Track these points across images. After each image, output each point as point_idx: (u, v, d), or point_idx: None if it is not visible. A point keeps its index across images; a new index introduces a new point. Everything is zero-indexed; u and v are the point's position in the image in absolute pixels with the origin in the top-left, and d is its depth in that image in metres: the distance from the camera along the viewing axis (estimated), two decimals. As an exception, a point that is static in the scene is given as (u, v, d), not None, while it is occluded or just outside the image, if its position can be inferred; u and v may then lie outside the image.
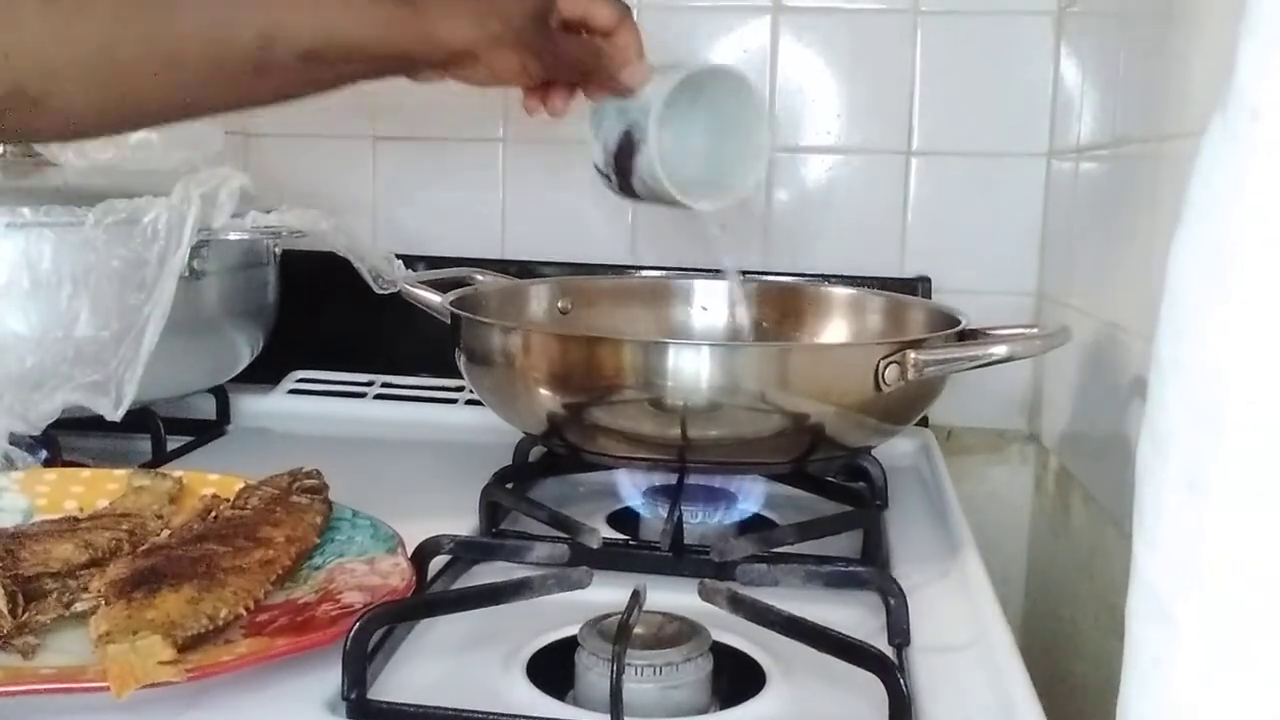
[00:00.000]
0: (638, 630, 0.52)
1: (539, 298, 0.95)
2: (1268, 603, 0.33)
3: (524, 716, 0.49)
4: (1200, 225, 0.34)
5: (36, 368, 0.78)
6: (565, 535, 0.66)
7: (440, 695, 0.51)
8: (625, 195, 0.76)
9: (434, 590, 0.62)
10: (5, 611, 0.54)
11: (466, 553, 0.65)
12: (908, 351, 0.68)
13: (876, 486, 0.79)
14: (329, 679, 0.51)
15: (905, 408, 0.74)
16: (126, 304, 0.79)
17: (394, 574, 0.59)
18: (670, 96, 0.70)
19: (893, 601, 0.58)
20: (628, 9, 0.69)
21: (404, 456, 0.93)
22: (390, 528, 0.65)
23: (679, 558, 0.67)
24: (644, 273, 1.07)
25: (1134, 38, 0.82)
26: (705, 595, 0.55)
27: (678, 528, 0.68)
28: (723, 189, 0.76)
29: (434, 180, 1.13)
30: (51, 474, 0.74)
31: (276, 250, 0.99)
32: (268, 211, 0.89)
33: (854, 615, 0.61)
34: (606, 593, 0.57)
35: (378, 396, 1.05)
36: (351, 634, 0.50)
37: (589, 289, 0.97)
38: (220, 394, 0.98)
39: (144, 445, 0.87)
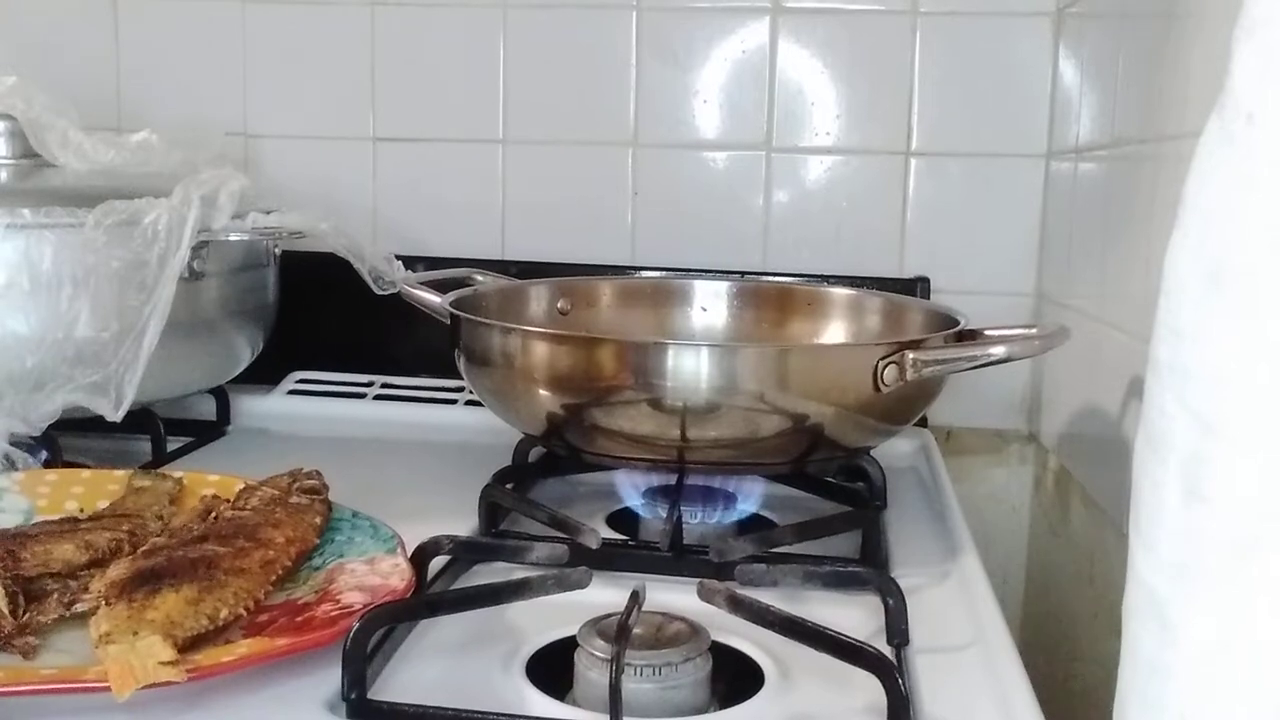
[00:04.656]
0: (637, 630, 0.52)
1: (539, 298, 0.95)
2: (1264, 604, 0.33)
3: (524, 716, 0.49)
4: (1197, 228, 0.34)
5: (37, 369, 0.78)
6: (565, 536, 0.66)
7: (440, 695, 0.51)
8: None
9: (434, 590, 0.62)
10: (6, 612, 0.54)
11: (466, 553, 0.66)
12: (906, 352, 0.68)
13: (875, 487, 0.79)
14: (329, 679, 0.51)
15: (904, 408, 0.74)
16: (126, 305, 0.79)
17: (394, 574, 0.59)
18: None
19: (891, 602, 0.58)
20: None
21: (404, 456, 0.93)
22: (390, 528, 0.65)
23: (678, 558, 0.67)
24: (644, 273, 1.07)
25: (1133, 39, 0.83)
26: (704, 595, 0.56)
27: (677, 528, 0.68)
28: None
29: (434, 180, 1.13)
30: (52, 475, 0.74)
31: (276, 251, 0.99)
32: (267, 212, 0.89)
33: (853, 616, 0.61)
34: (606, 593, 0.58)
35: (378, 397, 1.05)
36: (352, 634, 0.50)
37: (589, 289, 0.97)
38: (220, 395, 0.98)
39: (144, 446, 0.87)
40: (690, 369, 0.68)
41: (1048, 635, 0.95)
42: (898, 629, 0.58)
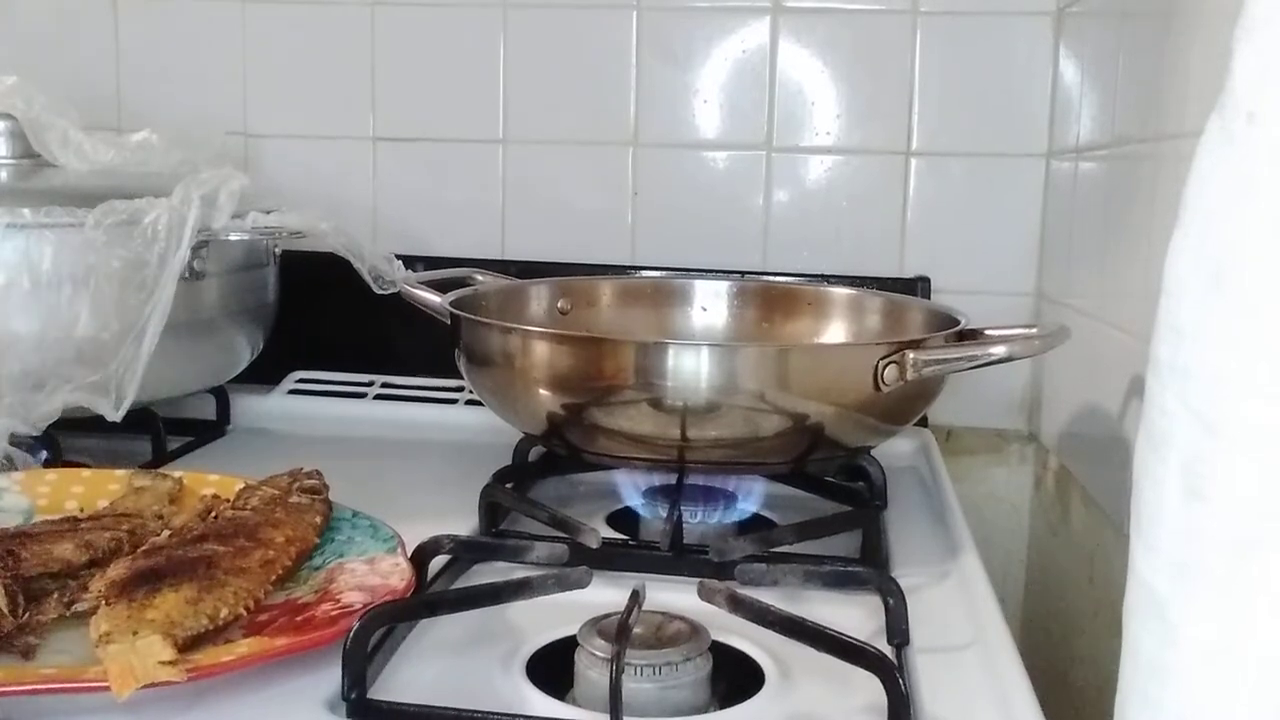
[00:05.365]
0: (637, 630, 0.52)
1: (539, 298, 0.95)
2: (1264, 604, 0.33)
3: (524, 716, 0.49)
4: (1197, 228, 0.34)
5: (37, 368, 0.78)
6: (565, 535, 0.66)
7: (440, 695, 0.51)
8: None
9: (434, 590, 0.62)
10: (6, 611, 0.54)
11: (466, 553, 0.66)
12: (907, 352, 0.68)
13: (876, 486, 0.79)
14: (329, 679, 0.51)
15: (904, 408, 0.74)
16: (127, 304, 0.79)
17: (394, 574, 0.59)
18: None
19: (892, 601, 0.58)
20: None
21: (404, 456, 0.93)
22: (390, 528, 0.65)
23: (678, 557, 0.67)
24: (644, 273, 1.07)
25: (1133, 38, 0.83)
26: (704, 595, 0.56)
27: (677, 528, 0.68)
28: None
29: (434, 180, 1.13)
30: (52, 474, 0.74)
31: (276, 251, 0.99)
32: (267, 212, 0.89)
33: (853, 615, 0.61)
34: (606, 593, 0.58)
35: (378, 396, 1.05)
36: (352, 634, 0.50)
37: (589, 289, 0.97)
38: (220, 394, 0.98)
39: (144, 445, 0.87)
40: (690, 369, 0.68)
41: (1048, 635, 0.95)
42: (898, 629, 0.58)
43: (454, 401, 1.02)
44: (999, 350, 0.71)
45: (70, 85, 0.97)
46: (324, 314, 1.07)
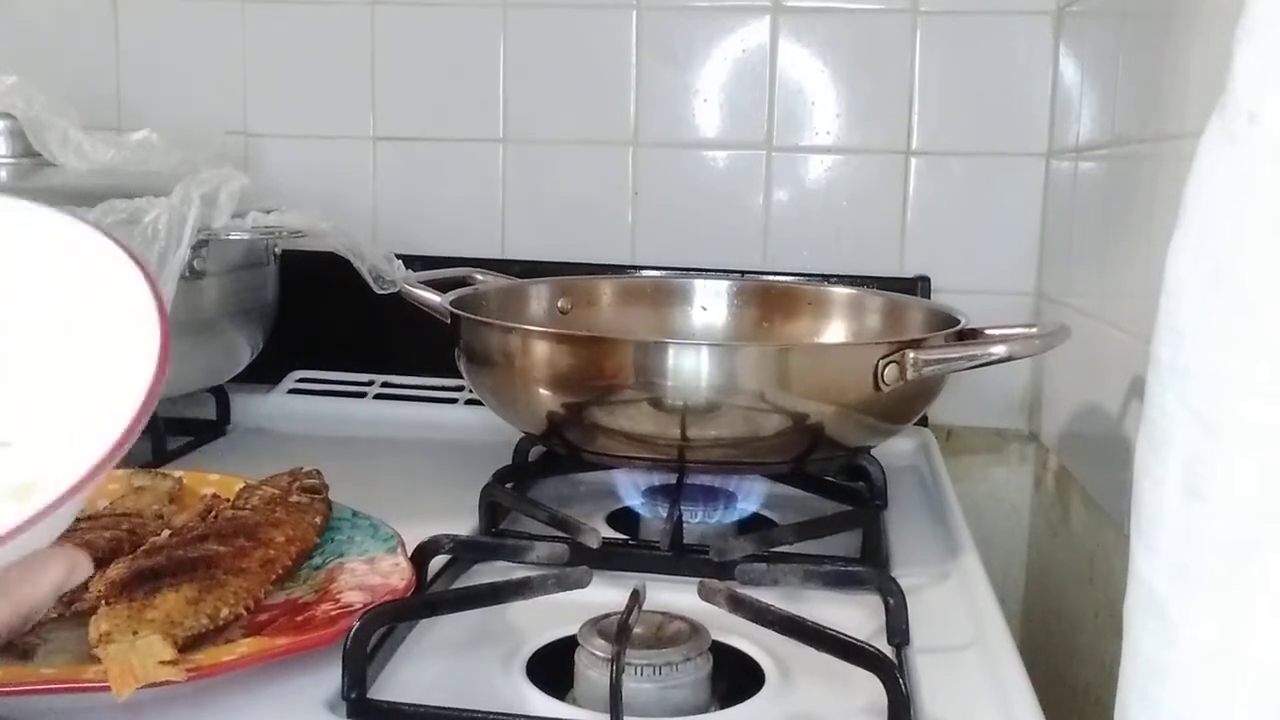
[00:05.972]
0: (637, 630, 0.52)
1: (539, 298, 0.95)
2: (1264, 604, 0.33)
3: (524, 716, 0.49)
4: (1197, 228, 0.34)
5: (37, 368, 0.77)
6: (565, 535, 0.66)
7: (440, 695, 0.51)
8: None
9: (434, 590, 0.62)
10: (6, 611, 0.54)
11: (466, 552, 0.66)
12: (907, 351, 0.68)
13: (876, 486, 0.79)
14: (329, 679, 0.51)
15: (904, 407, 0.74)
16: (127, 304, 0.79)
17: (394, 574, 0.59)
18: None
19: (892, 601, 0.58)
20: None
21: (404, 456, 0.93)
22: (390, 527, 0.65)
23: (678, 557, 0.67)
24: (644, 273, 1.07)
25: (1133, 38, 0.83)
26: (705, 595, 0.56)
27: (677, 527, 0.68)
28: None
29: (434, 180, 1.13)
30: (52, 474, 0.74)
31: (276, 250, 0.99)
32: (268, 211, 0.89)
33: (853, 615, 0.61)
34: (606, 592, 0.57)
35: (378, 396, 1.05)
36: (352, 634, 0.50)
37: (589, 289, 0.97)
38: (220, 394, 0.98)
39: (144, 445, 0.87)
40: (690, 368, 0.68)
41: (1048, 635, 0.95)
42: (898, 628, 0.58)
43: (454, 401, 1.02)
44: (999, 350, 0.71)
45: (70, 85, 0.97)
46: (324, 314, 1.07)
